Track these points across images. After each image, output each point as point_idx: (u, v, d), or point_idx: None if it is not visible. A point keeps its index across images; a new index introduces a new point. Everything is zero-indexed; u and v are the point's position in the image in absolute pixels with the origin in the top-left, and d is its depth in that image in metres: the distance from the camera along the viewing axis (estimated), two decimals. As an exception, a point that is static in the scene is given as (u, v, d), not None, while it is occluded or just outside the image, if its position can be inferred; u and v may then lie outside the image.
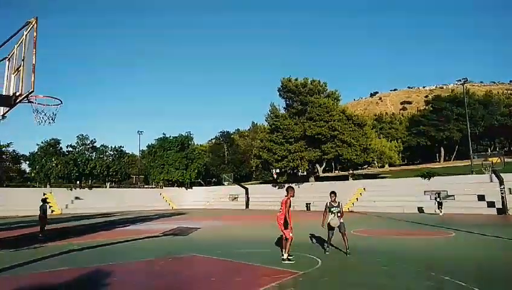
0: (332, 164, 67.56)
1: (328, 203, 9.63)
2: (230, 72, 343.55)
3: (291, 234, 8.10)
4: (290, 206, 8.34)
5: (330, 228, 9.61)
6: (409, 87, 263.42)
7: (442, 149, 68.60)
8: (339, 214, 9.48)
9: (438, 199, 25.08)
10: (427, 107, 78.10)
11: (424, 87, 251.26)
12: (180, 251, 10.13)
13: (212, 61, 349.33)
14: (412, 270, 7.17)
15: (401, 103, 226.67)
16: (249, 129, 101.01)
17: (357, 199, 34.50)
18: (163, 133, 60.72)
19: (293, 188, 8.62)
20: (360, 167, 52.66)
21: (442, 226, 16.35)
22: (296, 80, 45.35)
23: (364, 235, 14.16)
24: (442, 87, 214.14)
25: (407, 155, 78.60)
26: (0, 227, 20.87)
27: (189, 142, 61.13)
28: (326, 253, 9.48)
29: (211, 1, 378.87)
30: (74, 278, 7.00)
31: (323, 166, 53.76)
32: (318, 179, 47.81)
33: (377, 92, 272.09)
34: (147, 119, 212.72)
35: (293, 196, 8.45)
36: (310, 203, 34.69)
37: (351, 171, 46.90)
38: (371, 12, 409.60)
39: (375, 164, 51.19)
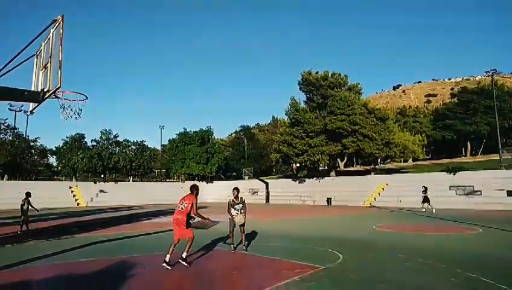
0: (354, 158, 66.69)
1: (231, 201, 9.48)
2: (250, 66, 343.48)
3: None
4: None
5: (234, 225, 9.45)
6: (433, 80, 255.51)
7: (468, 143, 66.49)
8: (242, 211, 9.36)
9: (424, 194, 23.35)
10: (452, 100, 75.75)
11: (449, 79, 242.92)
12: (202, 244, 10.26)
13: (231, 55, 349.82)
14: (437, 267, 7.00)
15: (426, 96, 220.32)
16: (269, 123, 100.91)
17: (379, 193, 33.95)
18: (184, 128, 61.50)
19: (197, 187, 8.38)
20: (382, 162, 51.79)
21: (468, 222, 15.88)
22: (317, 73, 44.83)
23: (387, 230, 13.93)
24: (469, 79, 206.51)
25: (432, 149, 76.59)
26: (30, 219, 21.67)
27: (210, 137, 61.64)
28: (231, 251, 9.19)
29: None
30: (101, 269, 7.22)
31: (345, 160, 53.12)
32: (339, 173, 47.31)
33: (400, 85, 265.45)
34: (168, 114, 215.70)
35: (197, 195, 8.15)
36: (331, 198, 34.41)
37: (372, 166, 46.15)
38: (391, 2, 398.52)
39: (397, 158, 50.12)
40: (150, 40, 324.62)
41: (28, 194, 14.58)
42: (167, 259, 6.92)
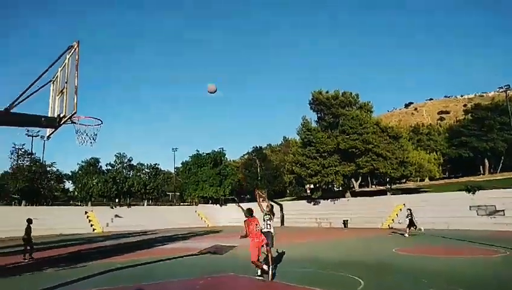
0: (368, 178, 65.62)
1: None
2: (259, 87, 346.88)
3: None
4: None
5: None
6: (445, 96, 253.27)
7: (486, 161, 64.87)
8: (269, 222, 10.09)
9: (409, 217, 21.83)
10: (466, 117, 74.52)
11: (462, 95, 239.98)
12: (218, 270, 10.03)
13: (239, 76, 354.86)
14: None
15: (439, 113, 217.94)
16: (280, 144, 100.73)
17: (396, 215, 33.08)
18: (197, 150, 61.73)
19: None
20: (397, 181, 50.77)
21: (493, 244, 15.22)
22: (327, 92, 44.84)
23: (407, 253, 13.43)
24: (482, 96, 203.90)
25: (448, 168, 74.87)
26: (47, 245, 21.75)
27: (222, 159, 61.69)
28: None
29: (236, 14, 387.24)
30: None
31: (359, 181, 52.30)
32: (354, 194, 46.49)
33: (411, 103, 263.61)
34: (180, 137, 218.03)
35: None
36: (347, 220, 33.63)
37: (388, 186, 45.26)
38: (399, 17, 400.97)
39: (413, 177, 49.11)
40: (162, 62, 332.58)
41: (30, 221, 14.48)
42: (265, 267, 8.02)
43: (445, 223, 26.97)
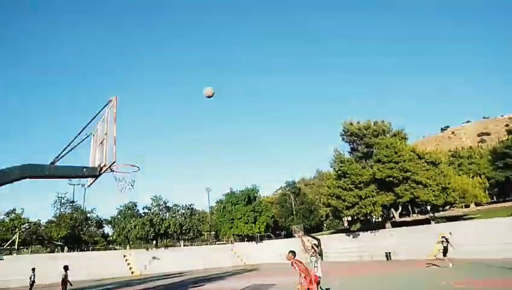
0: (409, 207, 62.80)
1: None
2: (288, 120, 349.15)
3: None
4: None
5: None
6: (484, 118, 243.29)
7: (537, 181, 60.64)
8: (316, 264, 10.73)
9: (445, 244, 20.77)
10: (510, 137, 70.88)
11: (502, 115, 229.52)
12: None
13: (267, 111, 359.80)
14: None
15: (478, 135, 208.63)
16: (314, 177, 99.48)
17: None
18: (230, 188, 62.08)
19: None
20: (441, 209, 48.18)
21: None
22: (358, 122, 44.43)
23: (460, 286, 12.48)
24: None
25: (495, 192, 70.45)
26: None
27: (256, 195, 61.52)
28: None
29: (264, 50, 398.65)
30: None
31: (399, 210, 50.12)
32: (395, 224, 44.46)
33: (447, 127, 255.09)
34: (213, 176, 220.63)
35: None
36: (390, 252, 32.04)
37: (431, 214, 42.97)
38: (423, 41, 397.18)
39: (458, 204, 46.44)
40: (188, 104, 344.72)
41: (66, 268, 14.94)
42: None
43: (500, 252, 24.99)
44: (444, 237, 21.53)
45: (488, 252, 25.34)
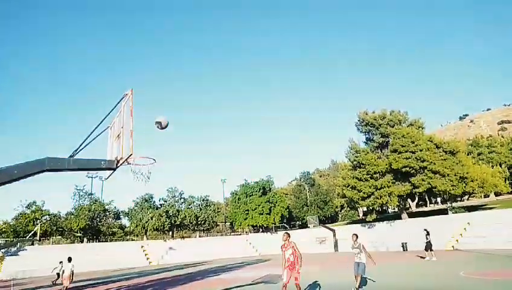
0: (426, 197, 61.95)
1: (351, 245, 11.21)
2: (302, 110, 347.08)
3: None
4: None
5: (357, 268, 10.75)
6: (505, 105, 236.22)
7: (560, 170, 58.89)
8: (359, 255, 10.94)
9: (427, 239, 21.19)
10: (531, 124, 68.87)
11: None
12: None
13: (283, 103, 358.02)
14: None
15: (499, 123, 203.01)
16: (328, 168, 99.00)
17: (461, 234, 30.70)
18: (245, 179, 62.36)
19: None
20: (459, 199, 47.38)
21: None
22: (373, 112, 43.80)
23: (479, 277, 12.30)
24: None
25: (516, 181, 68.79)
26: (107, 280, 22.70)
27: (270, 186, 61.63)
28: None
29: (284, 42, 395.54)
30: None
31: (416, 200, 49.53)
32: (411, 215, 43.97)
33: (467, 115, 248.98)
34: (229, 167, 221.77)
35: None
36: (406, 243, 31.71)
37: (449, 204, 42.29)
38: (440, 29, 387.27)
39: (477, 193, 45.57)
40: (206, 95, 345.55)
41: (69, 259, 15.03)
42: None
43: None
44: (426, 230, 21.86)
45: (507, 243, 24.83)
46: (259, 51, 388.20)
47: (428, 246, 21.27)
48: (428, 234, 21.82)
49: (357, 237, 11.32)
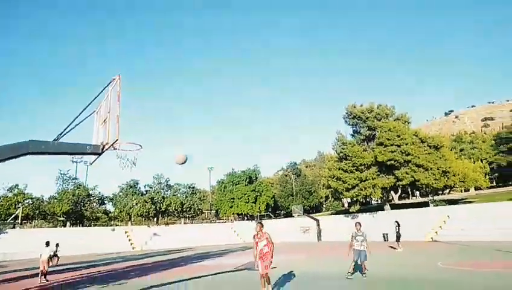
0: (409, 190, 63.25)
1: (354, 233, 11.38)
2: (291, 101, 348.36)
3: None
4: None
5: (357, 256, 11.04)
6: (489, 102, 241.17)
7: (538, 167, 60.75)
8: (363, 243, 11.13)
9: (397, 230, 22.45)
10: (514, 122, 70.67)
11: (508, 101, 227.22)
12: (255, 285, 9.98)
13: (271, 92, 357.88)
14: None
15: (482, 120, 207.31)
16: (315, 159, 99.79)
17: (440, 227, 31.56)
18: (232, 168, 62.52)
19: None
20: (440, 192, 48.56)
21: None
22: (361, 105, 44.20)
23: (455, 267, 12.73)
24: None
25: (495, 177, 70.75)
26: (89, 264, 22.63)
27: (257, 176, 61.93)
28: (348, 278, 10.84)
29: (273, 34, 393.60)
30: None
31: (399, 193, 50.46)
32: (394, 207, 44.90)
33: (452, 111, 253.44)
34: (216, 156, 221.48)
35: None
36: (387, 234, 32.43)
37: (431, 197, 43.30)
38: (431, 26, 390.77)
39: (457, 188, 46.74)
40: (194, 85, 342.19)
41: (47, 244, 14.80)
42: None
43: (495, 236, 25.32)
44: (396, 221, 22.88)
45: (485, 235, 25.65)
46: (253, 37, 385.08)
47: (398, 238, 22.15)
48: (398, 225, 22.72)
49: (360, 225, 11.54)
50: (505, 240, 23.78)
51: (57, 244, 23.88)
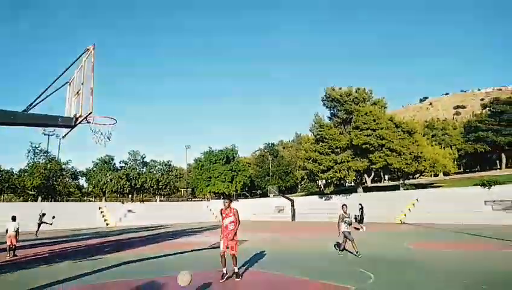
0: (381, 173, 65.13)
1: (341, 215, 11.56)
2: (271, 84, 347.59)
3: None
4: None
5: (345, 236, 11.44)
6: (462, 91, 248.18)
7: (503, 155, 63.64)
8: (351, 226, 11.71)
9: (361, 213, 24.53)
10: (484, 111, 73.21)
11: (479, 90, 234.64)
12: (229, 263, 10.18)
13: (251, 72, 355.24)
14: (478, 288, 6.62)
15: (454, 108, 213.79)
16: (292, 140, 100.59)
17: (409, 209, 32.84)
18: (209, 147, 62.24)
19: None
20: (411, 177, 50.33)
21: (508, 239, 15.01)
22: (340, 88, 44.61)
23: (421, 248, 13.38)
24: (501, 89, 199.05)
25: (463, 163, 73.77)
26: (61, 239, 22.30)
27: (234, 155, 62.02)
28: (340, 255, 11.47)
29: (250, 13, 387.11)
30: (133, 289, 7.27)
31: (372, 176, 51.94)
32: (367, 189, 46.24)
33: (426, 97, 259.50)
34: (193, 134, 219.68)
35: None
36: (359, 215, 33.42)
37: (401, 181, 44.83)
38: (413, 13, 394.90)
39: (427, 172, 48.48)
40: (176, 61, 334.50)
41: (14, 218, 14.38)
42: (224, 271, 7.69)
43: (459, 219, 26.65)
44: (360, 204, 24.23)
45: (451, 218, 26.93)
46: (232, 16, 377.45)
47: (361, 219, 23.27)
48: (362, 208, 23.90)
49: (347, 207, 11.82)
50: (469, 223, 25.13)
51: (44, 214, 25.84)
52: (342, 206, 11.82)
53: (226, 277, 7.67)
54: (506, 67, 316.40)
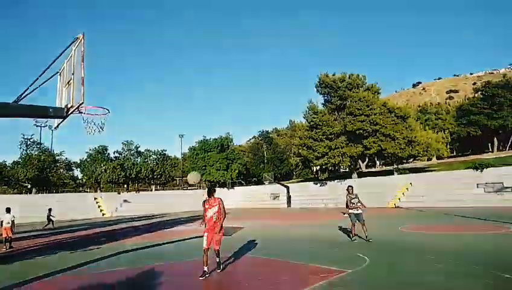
0: (375, 159, 65.55)
1: (348, 196, 11.63)
2: (264, 71, 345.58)
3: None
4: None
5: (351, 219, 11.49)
6: (454, 75, 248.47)
7: (495, 139, 64.29)
8: (359, 204, 11.56)
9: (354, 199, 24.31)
10: (476, 95, 73.57)
11: (471, 74, 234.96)
12: (227, 250, 10.29)
13: (244, 59, 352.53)
14: (469, 268, 6.77)
15: (447, 92, 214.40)
16: (287, 127, 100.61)
17: (403, 194, 33.24)
18: (204, 136, 62.08)
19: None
20: (405, 161, 50.82)
21: (500, 220, 15.29)
22: (334, 74, 44.48)
23: (414, 231, 13.60)
24: (493, 73, 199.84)
25: (456, 146, 74.49)
26: (59, 230, 22.32)
27: (229, 143, 61.96)
28: (354, 241, 11.22)
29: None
30: (130, 277, 7.33)
31: (366, 161, 52.31)
32: (361, 175, 46.62)
33: (419, 82, 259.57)
34: (187, 123, 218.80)
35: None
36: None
37: (395, 166, 45.25)
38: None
39: (421, 157, 48.94)
40: (168, 51, 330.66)
41: (8, 210, 14.28)
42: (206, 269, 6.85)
43: (452, 201, 27.08)
44: (347, 189, 24.15)
45: (444, 201, 27.35)
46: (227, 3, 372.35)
47: (346, 204, 23.18)
48: (348, 193, 23.79)
49: (352, 188, 11.88)
50: (461, 206, 25.53)
51: (50, 209, 25.38)
52: (348, 188, 11.91)
53: (206, 275, 6.81)
54: (499, 50, 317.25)
